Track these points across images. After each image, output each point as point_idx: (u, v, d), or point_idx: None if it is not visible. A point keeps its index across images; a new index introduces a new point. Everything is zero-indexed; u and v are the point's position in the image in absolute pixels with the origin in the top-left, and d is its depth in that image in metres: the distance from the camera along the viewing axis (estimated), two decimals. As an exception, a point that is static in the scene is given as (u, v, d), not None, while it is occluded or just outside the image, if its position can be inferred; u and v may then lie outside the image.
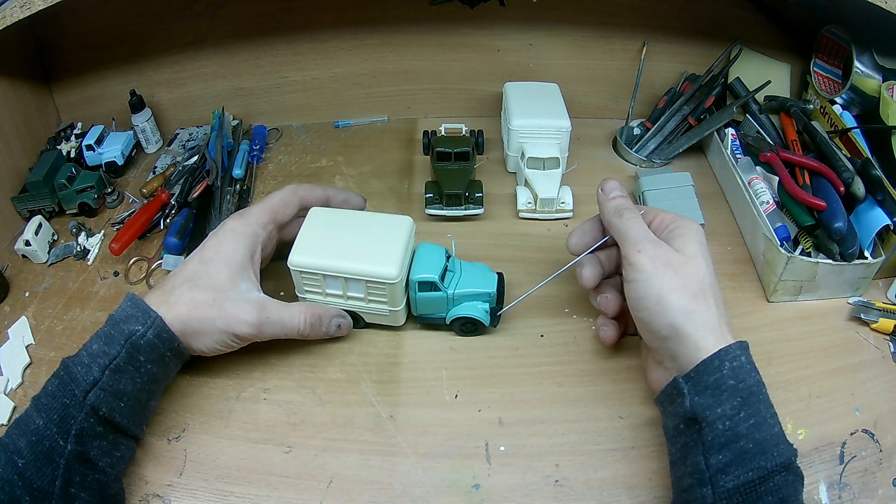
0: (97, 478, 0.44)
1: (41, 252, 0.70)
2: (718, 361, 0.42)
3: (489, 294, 0.57)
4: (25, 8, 0.64)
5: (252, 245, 0.55)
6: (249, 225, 0.55)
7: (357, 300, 0.57)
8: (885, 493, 0.48)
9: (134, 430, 0.47)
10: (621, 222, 0.50)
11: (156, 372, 0.48)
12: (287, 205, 0.58)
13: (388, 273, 0.54)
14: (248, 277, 0.54)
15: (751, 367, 0.43)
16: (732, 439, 0.40)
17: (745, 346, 0.44)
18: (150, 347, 0.47)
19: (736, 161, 0.72)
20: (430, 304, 0.57)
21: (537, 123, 0.75)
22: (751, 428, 0.40)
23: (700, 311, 0.45)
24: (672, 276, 0.46)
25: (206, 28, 0.81)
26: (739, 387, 0.41)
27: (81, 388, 0.44)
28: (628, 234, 0.49)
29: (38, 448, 0.42)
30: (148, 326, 0.47)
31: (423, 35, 0.83)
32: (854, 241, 0.58)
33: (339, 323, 0.57)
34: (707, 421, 0.41)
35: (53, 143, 0.81)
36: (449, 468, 0.50)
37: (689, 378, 0.43)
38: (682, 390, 0.43)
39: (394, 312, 0.57)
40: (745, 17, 0.80)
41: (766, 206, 0.65)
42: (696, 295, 0.45)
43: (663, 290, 0.45)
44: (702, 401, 0.42)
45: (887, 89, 0.66)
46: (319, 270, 0.55)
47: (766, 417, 0.41)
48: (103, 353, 0.46)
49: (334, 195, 0.62)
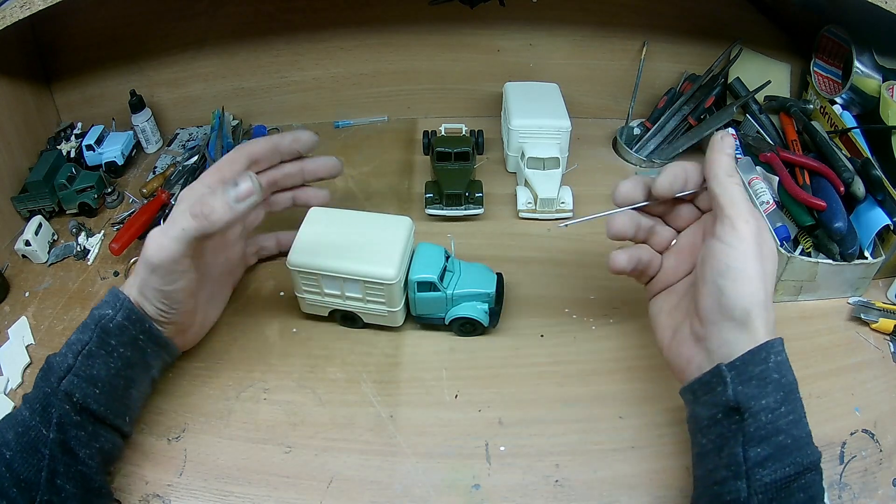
0: (79, 469, 0.44)
1: (41, 252, 0.70)
2: (765, 353, 0.42)
3: (488, 294, 0.57)
4: (25, 8, 0.64)
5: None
6: (195, 190, 0.53)
7: (355, 300, 0.57)
8: (885, 493, 0.48)
9: (113, 419, 0.46)
10: (731, 183, 0.46)
11: (130, 356, 0.48)
12: (233, 162, 0.57)
13: (385, 274, 0.54)
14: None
15: (789, 365, 0.42)
16: (773, 433, 0.39)
17: (782, 342, 0.43)
18: (120, 330, 0.47)
19: (736, 161, 0.72)
20: (428, 304, 0.57)
21: (537, 123, 0.75)
22: (790, 424, 0.40)
23: (769, 304, 0.44)
24: (762, 261, 0.44)
25: (206, 28, 0.81)
26: (782, 381, 0.41)
27: (57, 376, 0.44)
28: (738, 198, 0.45)
29: (24, 438, 0.42)
30: (117, 309, 0.47)
31: (423, 35, 0.83)
32: (854, 241, 0.58)
33: (234, 193, 0.46)
34: (751, 411, 0.40)
35: (53, 143, 0.81)
36: (449, 468, 0.50)
37: (733, 366, 0.42)
38: (725, 378, 0.42)
39: (392, 313, 0.57)
40: (745, 17, 0.80)
41: (766, 206, 0.65)
42: (769, 287, 0.44)
43: (755, 270, 0.43)
44: (746, 390, 0.41)
45: (887, 89, 0.66)
46: (318, 270, 0.55)
47: (802, 416, 0.41)
48: (77, 341, 0.46)
49: (280, 140, 0.61)
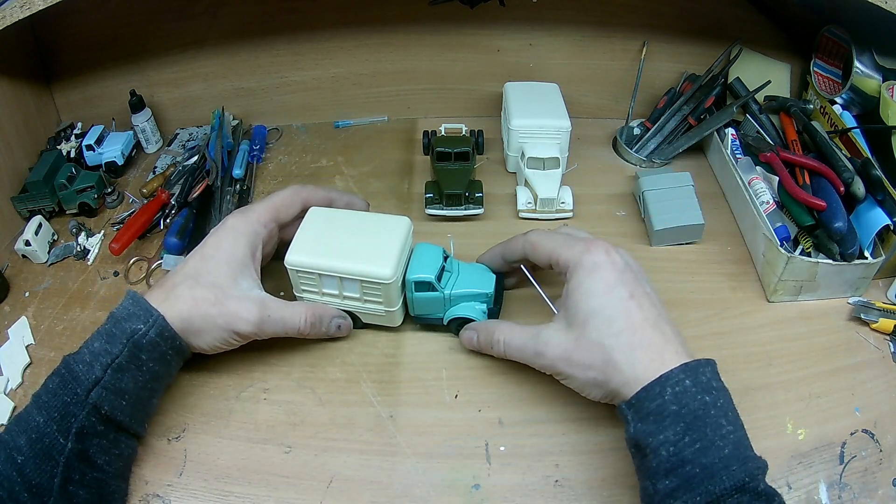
0: (95, 476, 0.44)
1: (41, 252, 0.70)
2: (659, 388, 0.41)
3: (486, 295, 0.57)
4: (25, 8, 0.64)
5: (253, 243, 0.54)
6: (250, 223, 0.55)
7: (353, 300, 0.57)
8: (885, 493, 0.48)
9: (136, 427, 0.47)
10: (510, 356, 0.53)
11: (158, 370, 0.48)
12: (290, 205, 0.58)
13: (382, 273, 0.53)
14: (249, 275, 0.53)
15: (697, 389, 0.41)
16: (678, 464, 0.39)
17: (690, 367, 0.42)
18: (152, 346, 0.47)
19: (736, 161, 0.72)
20: (426, 304, 0.57)
21: (537, 123, 0.75)
22: (696, 453, 0.39)
23: (640, 350, 0.43)
24: (577, 362, 0.46)
25: (206, 28, 0.81)
26: (682, 412, 0.40)
27: (84, 387, 0.44)
28: (524, 359, 0.51)
29: (38, 445, 0.42)
30: (150, 325, 0.47)
31: (423, 35, 0.83)
32: (854, 241, 0.58)
33: (339, 323, 0.57)
34: (651, 447, 0.40)
35: (53, 143, 0.81)
36: (449, 468, 0.50)
37: (630, 405, 0.43)
38: (626, 417, 0.43)
39: (390, 313, 0.57)
40: (745, 17, 0.80)
41: (766, 206, 0.65)
42: (608, 362, 0.44)
43: (580, 378, 0.46)
44: (644, 427, 0.41)
45: (887, 89, 0.65)
46: (315, 270, 0.55)
47: (714, 440, 0.39)
48: (105, 352, 0.45)
49: (338, 198, 0.61)
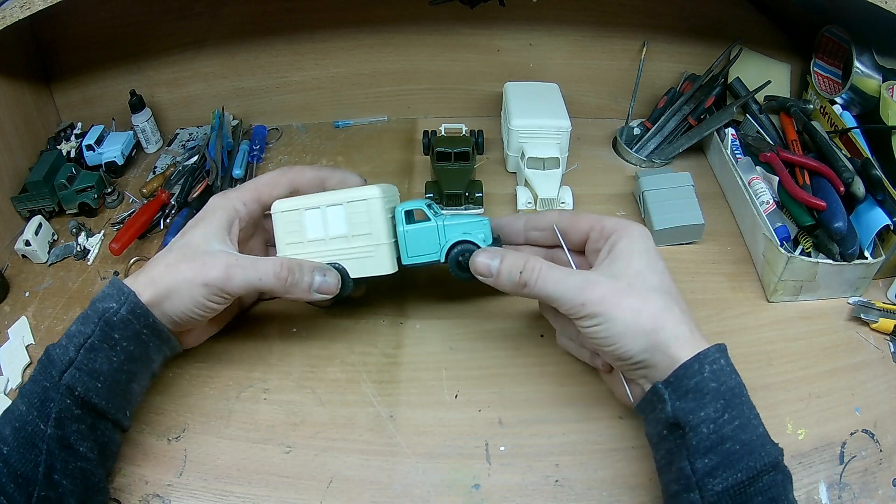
0: (79, 465, 0.43)
1: (41, 252, 0.70)
2: (698, 365, 0.42)
3: (484, 224, 0.54)
4: (25, 8, 0.64)
5: (229, 217, 0.54)
6: (229, 199, 0.54)
7: (339, 242, 0.54)
8: (885, 493, 0.48)
9: (114, 413, 0.46)
10: (538, 289, 0.47)
11: (133, 350, 0.47)
12: (274, 185, 0.56)
13: (369, 191, 0.52)
14: (223, 241, 0.52)
15: (731, 369, 0.42)
16: (718, 442, 0.39)
17: (722, 348, 0.43)
18: (124, 324, 0.47)
19: (736, 161, 0.72)
20: (419, 240, 0.54)
21: (537, 123, 0.75)
22: (736, 429, 0.40)
23: (668, 325, 0.43)
24: (629, 305, 0.44)
25: (206, 28, 0.81)
26: (721, 389, 0.41)
27: (58, 369, 0.44)
28: (558, 295, 0.46)
29: (21, 434, 0.42)
30: (122, 303, 0.47)
31: (423, 35, 0.83)
32: (854, 241, 0.58)
33: (320, 281, 0.53)
34: (691, 425, 0.40)
35: (53, 143, 0.81)
36: (449, 468, 0.50)
37: (668, 383, 0.42)
38: (663, 396, 0.42)
39: (379, 250, 0.54)
40: (745, 17, 0.80)
41: (766, 206, 0.65)
42: (660, 311, 0.44)
43: (627, 322, 0.44)
44: (684, 405, 0.41)
45: (887, 89, 0.66)
46: (300, 206, 0.54)
47: (751, 418, 0.41)
48: (79, 333, 0.45)
49: (329, 176, 0.58)
